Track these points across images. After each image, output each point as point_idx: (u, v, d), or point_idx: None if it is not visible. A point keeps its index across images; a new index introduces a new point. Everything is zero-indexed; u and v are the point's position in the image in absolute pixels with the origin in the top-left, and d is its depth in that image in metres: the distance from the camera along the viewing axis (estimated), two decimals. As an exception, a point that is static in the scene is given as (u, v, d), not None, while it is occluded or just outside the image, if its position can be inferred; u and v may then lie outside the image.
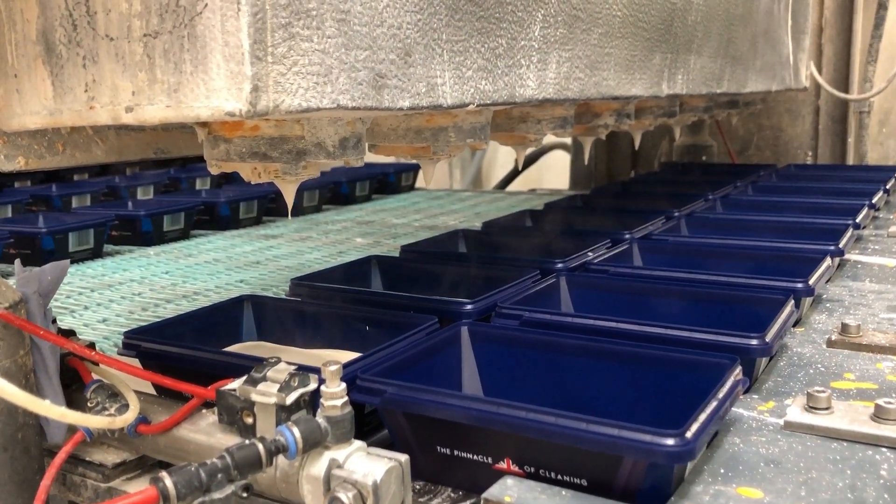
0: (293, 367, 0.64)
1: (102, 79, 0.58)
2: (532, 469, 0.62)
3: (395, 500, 0.59)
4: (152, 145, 0.94)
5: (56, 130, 0.81)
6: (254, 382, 0.63)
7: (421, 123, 0.87)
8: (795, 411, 0.72)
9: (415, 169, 2.78)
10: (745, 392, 0.78)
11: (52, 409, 0.50)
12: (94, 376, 0.74)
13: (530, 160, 3.48)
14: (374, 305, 0.97)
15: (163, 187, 2.54)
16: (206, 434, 0.68)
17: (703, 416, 0.59)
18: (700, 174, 2.22)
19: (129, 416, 0.67)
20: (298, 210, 2.29)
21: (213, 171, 0.72)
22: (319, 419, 0.59)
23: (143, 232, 1.89)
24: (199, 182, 2.64)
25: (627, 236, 1.30)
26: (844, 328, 0.94)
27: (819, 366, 0.87)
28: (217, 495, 0.53)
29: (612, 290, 1.01)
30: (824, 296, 1.14)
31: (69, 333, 0.81)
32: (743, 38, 1.64)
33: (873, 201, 1.61)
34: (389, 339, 0.80)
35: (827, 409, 0.71)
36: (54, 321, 0.74)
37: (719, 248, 1.22)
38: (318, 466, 0.59)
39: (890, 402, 0.70)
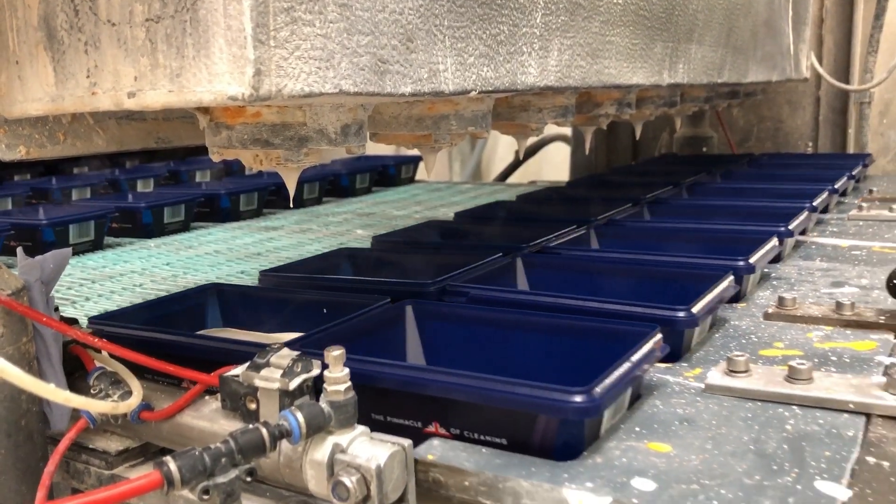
0: (296, 353, 0.64)
1: (104, 64, 0.58)
2: (458, 431, 0.66)
3: (398, 485, 0.59)
4: (153, 134, 0.94)
5: (57, 120, 0.81)
6: (257, 368, 0.63)
7: (422, 111, 0.87)
8: (716, 375, 0.76)
9: (415, 161, 2.78)
10: (676, 361, 0.82)
11: (57, 393, 0.50)
12: (97, 364, 0.74)
13: (531, 152, 3.48)
14: (334, 291, 1.00)
15: (163, 180, 2.53)
16: (210, 420, 0.68)
17: (612, 377, 0.64)
18: (680, 164, 2.25)
19: (133, 401, 0.67)
20: (299, 202, 2.29)
21: (215, 158, 0.71)
22: (322, 404, 0.59)
23: (143, 224, 1.89)
24: (199, 174, 2.63)
25: (590, 222, 1.35)
26: (781, 301, 0.97)
27: (752, 336, 0.90)
28: (221, 479, 0.53)
29: (564, 270, 1.07)
30: (773, 274, 1.18)
31: (72, 322, 0.81)
32: (744, 27, 1.64)
33: (835, 186, 1.66)
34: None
35: (745, 371, 0.75)
36: (57, 309, 0.75)
37: (674, 231, 1.28)
38: (321, 451, 0.59)
39: (802, 364, 0.73)
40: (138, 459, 0.74)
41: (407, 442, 0.60)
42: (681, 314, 0.81)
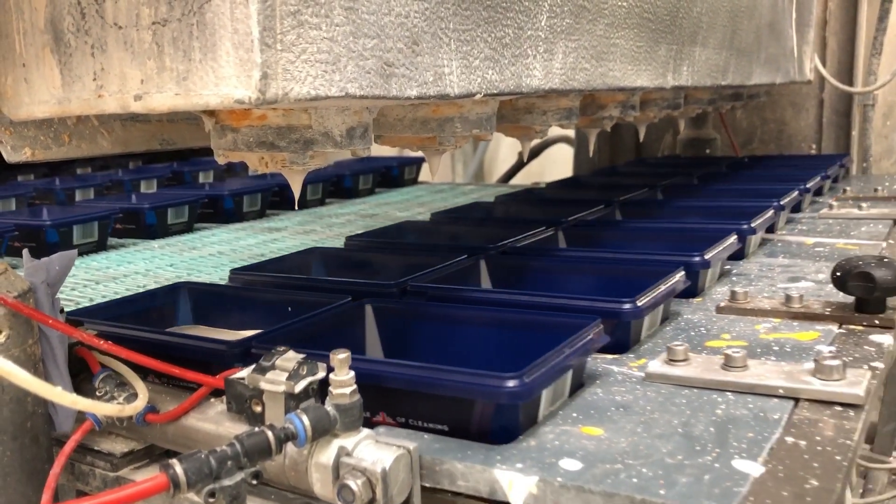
0: (301, 356, 0.64)
1: (111, 67, 0.58)
2: (403, 420, 0.68)
3: (403, 488, 0.59)
4: (158, 136, 0.94)
5: (62, 121, 0.81)
6: (262, 371, 0.63)
7: (427, 114, 0.87)
8: (656, 364, 0.78)
9: (418, 162, 2.78)
10: (624, 352, 0.86)
11: (64, 396, 0.50)
12: (103, 365, 0.74)
13: (534, 153, 3.48)
14: (299, 290, 1.03)
15: (166, 180, 2.53)
16: (215, 423, 0.68)
17: (546, 364, 0.67)
18: (666, 167, 2.27)
19: (139, 404, 0.67)
20: (302, 203, 2.29)
21: (220, 160, 0.72)
22: (328, 407, 0.59)
23: (147, 225, 1.89)
24: (202, 175, 2.63)
25: (560, 223, 1.37)
26: (733, 295, 1.00)
27: (702, 329, 0.93)
28: (227, 482, 0.53)
29: (526, 270, 1.10)
30: (734, 270, 1.20)
31: (77, 323, 0.81)
32: (748, 30, 1.64)
33: (806, 186, 1.69)
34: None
35: (684, 360, 0.78)
36: (62, 311, 0.75)
37: (640, 231, 1.32)
38: (327, 454, 0.59)
39: (737, 352, 0.75)
40: (143, 461, 0.74)
41: (412, 445, 0.60)
42: (626, 307, 0.84)
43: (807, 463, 0.59)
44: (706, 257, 1.06)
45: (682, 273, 0.98)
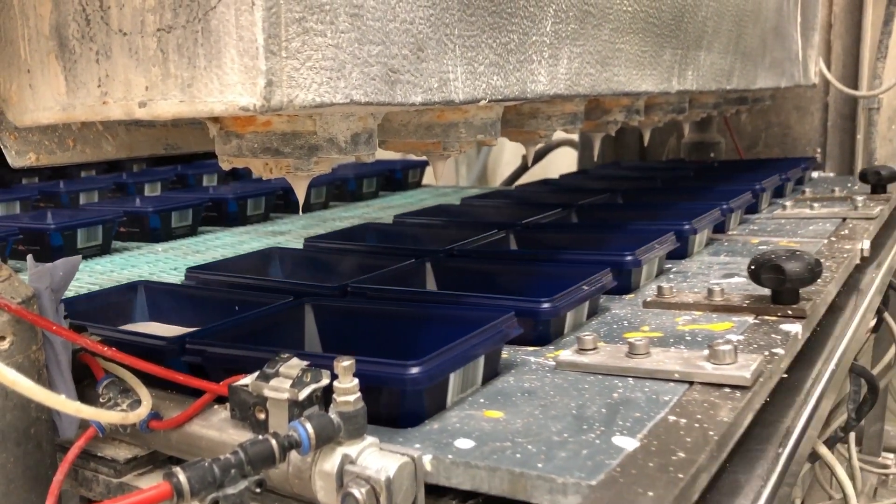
0: (305, 363, 0.64)
1: (115, 74, 0.58)
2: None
3: (407, 496, 0.59)
4: (162, 141, 0.94)
5: (66, 126, 0.81)
6: (266, 378, 0.63)
7: (431, 119, 0.87)
8: (567, 353, 0.82)
9: (422, 165, 2.78)
10: (544, 345, 0.91)
11: (68, 404, 0.50)
12: (107, 371, 0.74)
13: (538, 156, 3.47)
14: (248, 289, 1.07)
15: (170, 184, 2.52)
16: (218, 430, 0.68)
17: (449, 353, 0.71)
18: (637, 170, 2.31)
19: (142, 411, 0.67)
20: (306, 206, 2.29)
21: (225, 166, 0.71)
22: (332, 414, 0.59)
23: (151, 228, 1.89)
24: (206, 179, 2.63)
25: (512, 225, 1.41)
26: (659, 291, 1.04)
27: (625, 322, 0.97)
28: (230, 490, 0.53)
29: (468, 272, 1.14)
30: (675, 268, 1.25)
31: (80, 329, 0.81)
32: (753, 34, 1.63)
33: (759, 187, 1.71)
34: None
35: (593, 349, 0.82)
36: (66, 317, 0.75)
37: (588, 232, 1.36)
38: (330, 462, 0.59)
39: (639, 340, 0.79)
40: (147, 468, 0.74)
41: (417, 453, 0.60)
42: (544, 305, 0.89)
43: (680, 438, 0.63)
44: (638, 256, 1.11)
45: (608, 271, 1.03)
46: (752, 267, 0.96)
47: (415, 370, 0.67)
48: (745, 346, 0.85)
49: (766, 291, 0.98)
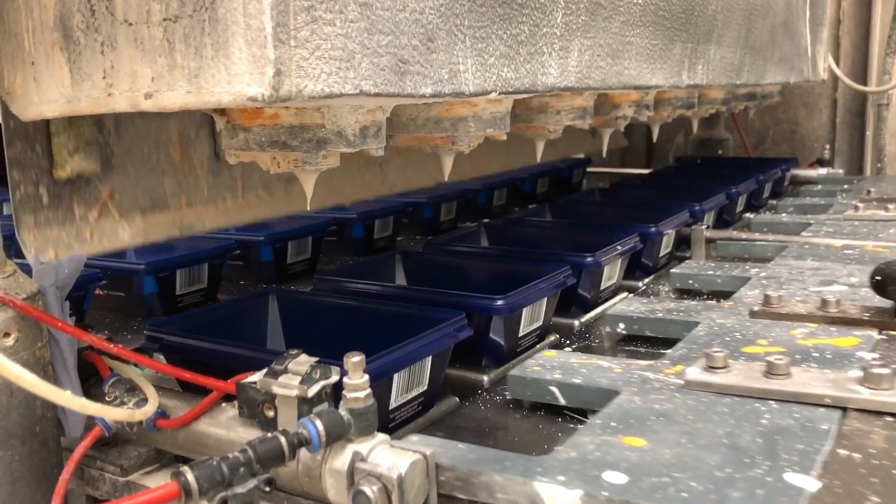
0: (314, 360, 0.63)
1: (121, 65, 0.57)
2: None
3: (419, 494, 0.57)
4: (178, 223, 0.94)
5: (84, 218, 0.82)
6: (275, 375, 0.62)
7: (440, 113, 0.86)
8: (695, 371, 0.76)
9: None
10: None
11: (73, 400, 0.49)
12: (112, 370, 0.73)
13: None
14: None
15: None
16: (226, 428, 0.67)
17: (390, 354, 0.74)
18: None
19: (149, 409, 0.66)
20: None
21: (232, 160, 0.70)
22: (342, 411, 0.58)
23: None
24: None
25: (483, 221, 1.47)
26: (766, 300, 0.98)
27: (736, 334, 0.90)
28: (239, 489, 0.52)
29: (435, 265, 1.16)
30: (763, 273, 1.16)
31: (86, 327, 0.80)
32: (762, 28, 1.62)
33: (734, 190, 1.74)
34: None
35: (724, 367, 0.75)
36: (72, 315, 0.74)
37: (555, 230, 1.38)
38: (341, 460, 0.57)
39: (780, 359, 0.73)
40: (153, 466, 0.73)
41: (429, 450, 0.58)
42: (499, 303, 0.91)
43: (864, 478, 0.57)
44: (596, 258, 1.12)
45: (568, 271, 1.05)
46: (878, 278, 0.88)
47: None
48: (883, 365, 0.75)
49: (881, 302, 0.92)
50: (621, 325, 1.01)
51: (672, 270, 1.23)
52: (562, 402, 0.78)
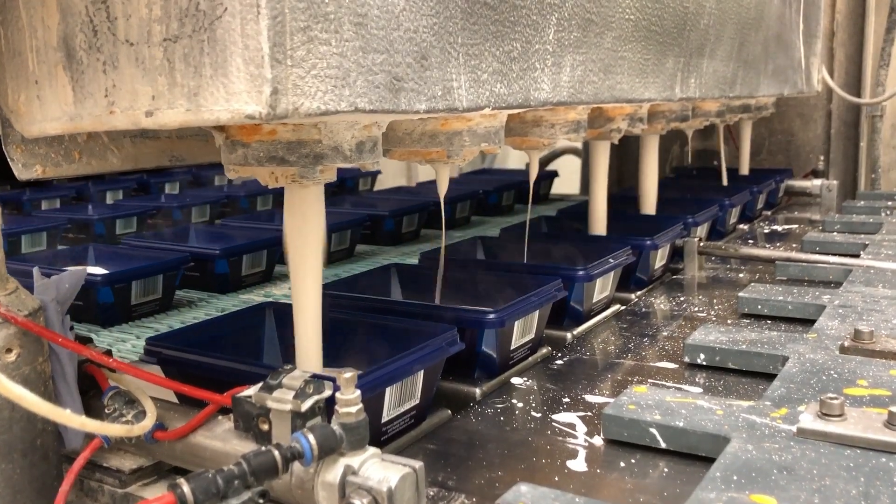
0: (308, 375, 0.64)
1: (122, 83, 0.58)
2: None
3: (412, 506, 0.58)
4: (167, 153, 0.94)
5: (72, 138, 0.81)
6: (269, 389, 0.63)
7: (435, 128, 0.87)
8: (808, 418, 0.72)
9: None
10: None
11: (73, 419, 0.50)
12: (111, 383, 0.74)
13: (542, 164, 3.48)
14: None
15: (188, 183, 2.74)
16: (222, 440, 0.68)
17: (385, 367, 0.75)
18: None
19: (147, 423, 0.67)
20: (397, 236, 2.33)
21: (231, 175, 0.71)
22: (334, 426, 0.59)
23: (174, 221, 2.13)
24: (217, 179, 2.77)
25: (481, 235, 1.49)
26: (857, 334, 0.93)
27: (832, 373, 0.86)
28: (234, 502, 0.52)
29: (431, 278, 1.11)
30: (837, 301, 1.12)
31: (86, 340, 0.81)
32: (755, 42, 1.63)
33: (728, 202, 1.77)
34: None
35: (840, 416, 0.71)
36: (72, 329, 0.75)
37: (551, 243, 1.39)
38: (333, 473, 0.58)
39: None
40: (151, 478, 0.74)
41: (418, 464, 0.59)
42: (491, 316, 0.92)
43: None
44: (588, 271, 1.13)
45: (559, 283, 1.06)
46: None
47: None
48: None
49: None
50: (702, 356, 0.96)
51: (740, 294, 1.18)
52: (662, 445, 0.74)
